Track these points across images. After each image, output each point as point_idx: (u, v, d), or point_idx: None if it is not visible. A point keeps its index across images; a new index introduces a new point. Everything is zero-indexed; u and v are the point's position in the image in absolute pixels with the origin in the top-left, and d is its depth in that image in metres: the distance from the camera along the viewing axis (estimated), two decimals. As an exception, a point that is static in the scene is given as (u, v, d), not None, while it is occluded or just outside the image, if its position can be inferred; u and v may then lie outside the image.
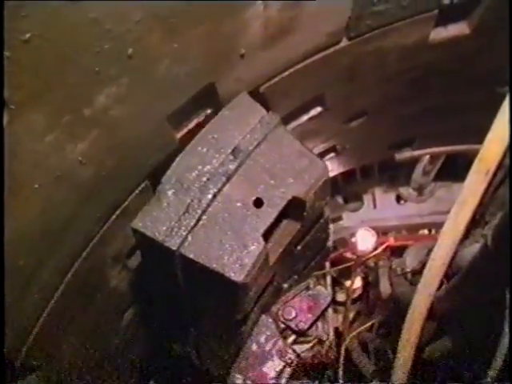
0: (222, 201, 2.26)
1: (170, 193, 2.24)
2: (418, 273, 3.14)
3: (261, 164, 2.34)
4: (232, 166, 2.30)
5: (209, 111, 2.45)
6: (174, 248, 2.16)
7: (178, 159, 2.31)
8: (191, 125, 2.44)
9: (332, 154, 3.66)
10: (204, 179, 2.27)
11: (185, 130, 2.42)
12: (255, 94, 2.53)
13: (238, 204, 2.26)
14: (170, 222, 2.19)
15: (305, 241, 2.84)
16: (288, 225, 2.51)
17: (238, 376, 3.00)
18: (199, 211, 2.22)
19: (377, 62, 2.82)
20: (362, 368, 3.65)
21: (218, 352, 3.14)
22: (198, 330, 3.01)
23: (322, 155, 3.59)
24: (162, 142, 2.32)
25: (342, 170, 4.04)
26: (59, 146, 1.85)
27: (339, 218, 4.77)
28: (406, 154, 4.04)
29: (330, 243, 3.56)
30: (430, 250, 3.09)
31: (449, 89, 3.21)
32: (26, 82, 1.62)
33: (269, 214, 2.27)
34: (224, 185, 2.28)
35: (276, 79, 2.54)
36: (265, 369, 3.05)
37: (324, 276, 4.53)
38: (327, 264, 4.27)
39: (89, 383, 2.82)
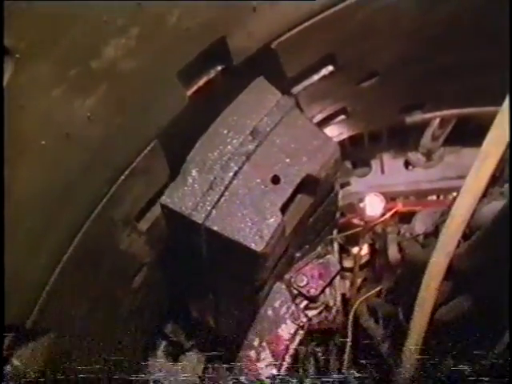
0: (242, 178, 2.46)
1: (194, 171, 2.44)
2: (430, 235, 3.10)
3: (277, 144, 2.52)
4: (251, 147, 2.49)
5: (219, 68, 2.37)
6: (200, 221, 2.36)
7: (200, 140, 2.49)
8: (201, 82, 2.36)
9: (342, 117, 3.57)
10: (225, 158, 2.47)
11: (195, 88, 2.35)
12: (267, 50, 2.45)
13: (257, 181, 2.46)
14: (196, 197, 2.39)
15: (316, 213, 3.01)
16: (302, 199, 2.70)
17: (255, 338, 3.17)
18: (222, 188, 2.42)
19: (390, 17, 2.72)
20: (371, 333, 3.64)
21: (236, 316, 3.33)
22: (217, 296, 3.21)
23: (332, 117, 3.52)
24: (172, 99, 2.26)
25: (351, 133, 3.96)
26: (67, 100, 1.79)
27: (347, 184, 4.70)
28: (416, 117, 3.97)
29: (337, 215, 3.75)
30: (443, 213, 3.07)
31: (463, 46, 3.11)
32: (31, 30, 1.55)
33: (285, 189, 2.47)
34: (244, 163, 2.47)
35: (288, 35, 2.46)
36: (279, 331, 3.22)
37: (331, 242, 4.52)
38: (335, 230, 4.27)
39: (100, 345, 2.81)
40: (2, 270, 1.83)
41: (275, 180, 2.47)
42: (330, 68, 2.93)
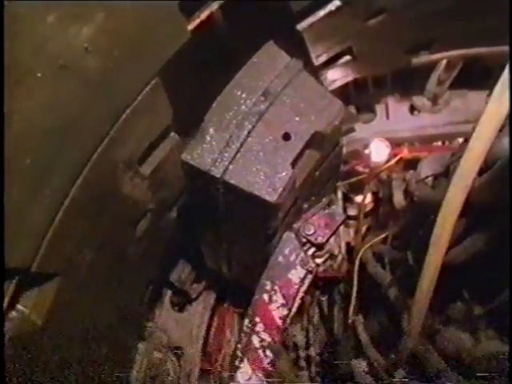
0: (256, 136, 2.65)
1: (211, 130, 2.62)
2: (440, 177, 3.03)
3: (287, 104, 2.71)
4: (263, 107, 2.67)
5: (222, 0, 2.25)
6: (218, 176, 2.57)
7: (216, 101, 2.65)
8: (203, 15, 2.25)
9: (348, 57, 3.45)
10: (240, 118, 2.65)
11: (197, 21, 2.24)
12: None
13: (270, 138, 2.66)
14: (214, 154, 2.59)
15: (322, 166, 3.20)
16: (310, 154, 2.88)
17: (267, 283, 3.34)
18: (237, 145, 2.62)
19: None
20: (379, 278, 3.63)
21: (249, 263, 3.64)
22: (232, 245, 3.49)
23: (337, 57, 3.40)
24: (173, 32, 2.13)
25: (356, 75, 3.83)
26: (62, 28, 1.68)
27: (352, 130, 4.60)
28: (423, 58, 3.84)
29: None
30: (453, 154, 2.99)
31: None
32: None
33: (295, 146, 2.68)
34: (257, 122, 2.66)
35: (293, -36, 2.32)
36: (290, 276, 3.39)
37: (335, 191, 4.47)
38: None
39: (106, 293, 2.77)
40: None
41: (286, 137, 2.66)
42: (337, 3, 2.80)
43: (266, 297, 3.34)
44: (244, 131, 2.64)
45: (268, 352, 3.30)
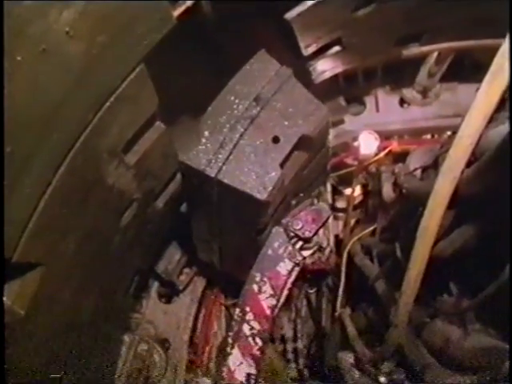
0: (248, 138, 2.88)
1: (206, 133, 2.86)
2: (429, 168, 3.01)
3: (277, 109, 2.94)
4: (255, 111, 2.91)
5: (209, -14, 2.21)
6: (213, 175, 2.81)
7: (211, 106, 2.90)
8: (189, 2, 2.20)
9: (337, 48, 3.41)
10: (233, 121, 2.89)
11: (183, 8, 2.18)
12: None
13: (261, 141, 2.89)
14: (208, 155, 2.82)
15: (310, 166, 3.45)
16: (298, 155, 3.13)
17: (257, 274, 3.49)
18: (231, 146, 2.85)
19: None
20: (366, 271, 3.62)
21: (240, 256, 3.86)
22: (224, 239, 3.72)
23: (327, 48, 3.37)
24: (158, 18, 2.08)
25: (346, 66, 3.79)
26: (40, 10, 1.62)
27: (341, 122, 4.57)
28: (413, 50, 3.81)
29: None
30: (442, 145, 2.97)
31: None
32: None
33: (284, 148, 2.91)
34: (249, 126, 2.89)
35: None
36: (278, 268, 3.54)
37: (324, 183, 4.46)
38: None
39: (91, 283, 2.74)
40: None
41: (275, 140, 2.89)
42: (326, -9, 2.77)
43: (255, 287, 3.48)
44: (237, 134, 2.85)
45: (257, 339, 3.42)
